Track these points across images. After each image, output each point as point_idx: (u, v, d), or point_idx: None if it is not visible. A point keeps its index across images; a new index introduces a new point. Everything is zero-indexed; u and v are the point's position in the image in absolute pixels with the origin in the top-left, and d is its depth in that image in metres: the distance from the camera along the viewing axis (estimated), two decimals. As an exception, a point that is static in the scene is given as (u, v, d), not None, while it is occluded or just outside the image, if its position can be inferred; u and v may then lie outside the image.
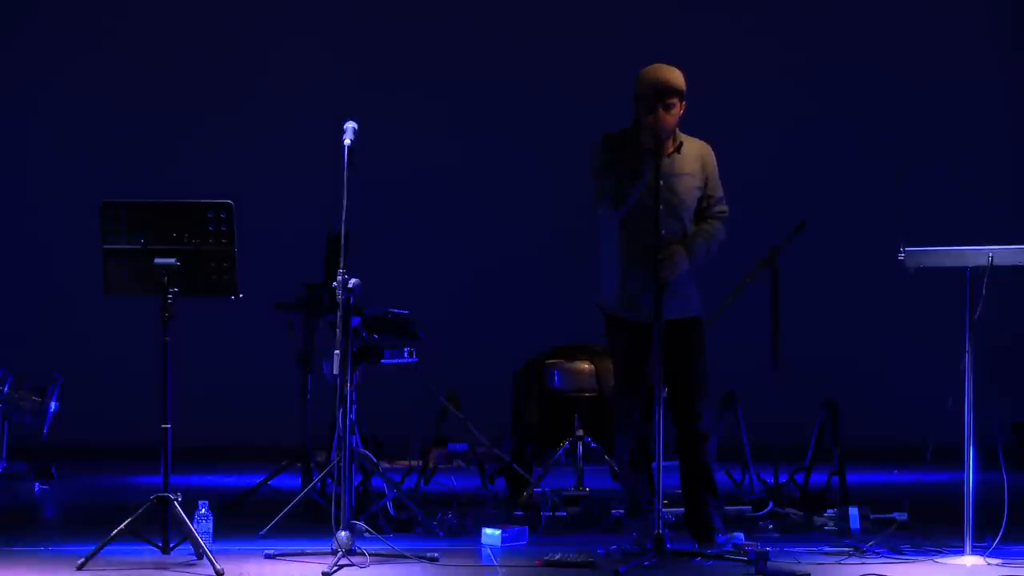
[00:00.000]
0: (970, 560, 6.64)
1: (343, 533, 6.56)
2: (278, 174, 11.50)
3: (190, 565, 6.57)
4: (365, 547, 6.62)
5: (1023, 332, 10.81)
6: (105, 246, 6.81)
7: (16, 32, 11.82)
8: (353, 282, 6.75)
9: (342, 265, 6.73)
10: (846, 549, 6.91)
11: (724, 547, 6.83)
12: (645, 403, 6.88)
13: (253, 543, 7.08)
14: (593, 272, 7.15)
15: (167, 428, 6.75)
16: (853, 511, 7.55)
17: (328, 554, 6.58)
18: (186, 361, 7.47)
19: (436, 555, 6.69)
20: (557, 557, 6.66)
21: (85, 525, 7.54)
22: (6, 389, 9.27)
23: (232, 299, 6.84)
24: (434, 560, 6.65)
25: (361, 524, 6.78)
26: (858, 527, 7.51)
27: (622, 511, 7.44)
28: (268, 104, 11.70)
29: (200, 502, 6.91)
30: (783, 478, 8.20)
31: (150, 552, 6.71)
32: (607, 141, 7.01)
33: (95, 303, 7.69)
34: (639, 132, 6.91)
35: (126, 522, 6.63)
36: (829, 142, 11.70)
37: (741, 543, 6.89)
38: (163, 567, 6.56)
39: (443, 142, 11.61)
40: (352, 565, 6.50)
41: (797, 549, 6.94)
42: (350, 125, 6.86)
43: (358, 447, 7.62)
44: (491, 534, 7.18)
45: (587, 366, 8.61)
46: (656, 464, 6.62)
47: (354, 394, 7.29)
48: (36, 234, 11.62)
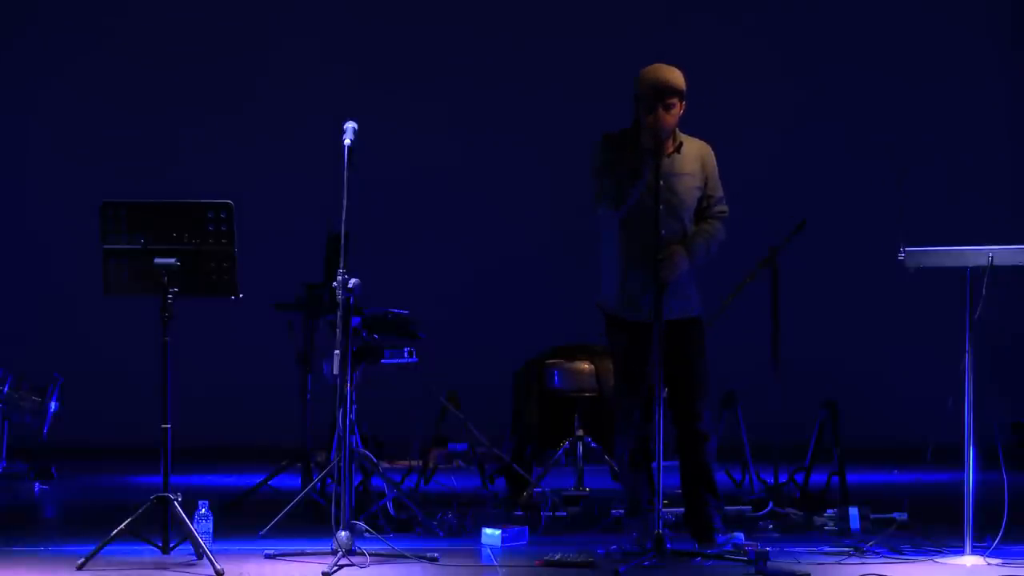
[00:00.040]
0: (970, 560, 6.64)
1: (343, 533, 6.56)
2: (278, 174, 11.50)
3: (190, 565, 6.57)
4: (365, 547, 6.62)
5: (1023, 332, 10.81)
6: (105, 246, 6.81)
7: (16, 32, 11.81)
8: (353, 282, 6.74)
9: (342, 265, 6.73)
10: (846, 549, 6.91)
11: (724, 547, 6.83)
12: (645, 403, 6.87)
13: (253, 543, 7.08)
14: (593, 272, 7.14)
15: (167, 428, 6.75)
16: (853, 511, 7.54)
17: (328, 554, 6.58)
18: (186, 361, 7.47)
19: (436, 555, 6.68)
20: (557, 557, 6.65)
21: (85, 525, 7.54)
22: (6, 389, 9.26)
23: (232, 299, 6.84)
24: (434, 560, 6.65)
25: (361, 524, 6.78)
26: (858, 527, 7.51)
27: (622, 511, 7.44)
28: (268, 104, 11.70)
29: (200, 502, 6.91)
30: (783, 478, 8.20)
31: (150, 552, 6.71)
32: (607, 141, 7.01)
33: (95, 303, 7.69)
34: (639, 132, 6.90)
35: (126, 522, 6.63)
36: (829, 142, 11.70)
37: (741, 543, 6.88)
38: (163, 567, 6.55)
39: (443, 142, 11.60)
40: (352, 565, 6.50)
41: (797, 549, 6.94)
42: (350, 125, 6.86)
43: (358, 447, 7.61)
44: (491, 534, 7.17)
45: (587, 366, 8.60)
46: (656, 464, 6.62)
47: (354, 394, 7.29)
48: (36, 234, 11.61)
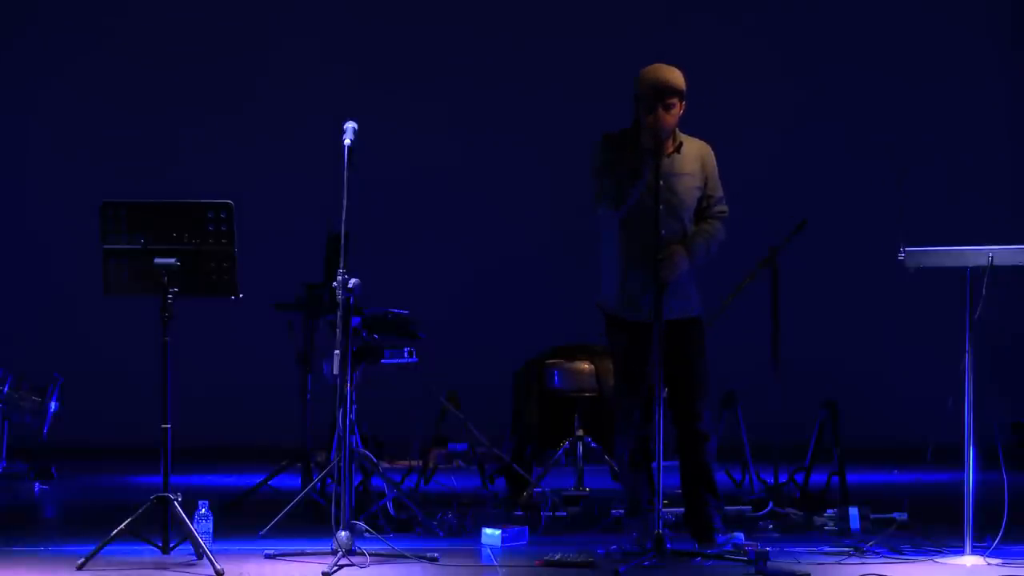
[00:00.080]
0: (970, 560, 6.63)
1: (343, 533, 6.56)
2: (278, 174, 11.50)
3: (190, 565, 6.57)
4: (365, 547, 6.62)
5: (1023, 332, 10.81)
6: (105, 246, 6.81)
7: (16, 32, 11.81)
8: (353, 282, 6.74)
9: (342, 265, 6.73)
10: (846, 549, 6.91)
11: (724, 547, 6.83)
12: (645, 403, 6.87)
13: (253, 543, 7.08)
14: (593, 272, 7.14)
15: (167, 428, 6.75)
16: (853, 511, 7.54)
17: (328, 554, 6.58)
18: (186, 361, 7.47)
19: (436, 555, 6.68)
20: (557, 557, 6.65)
21: (85, 525, 7.54)
22: (6, 389, 9.26)
23: (232, 299, 6.84)
24: (434, 560, 6.65)
25: (361, 524, 6.78)
26: (858, 527, 7.51)
27: (622, 511, 7.44)
28: (268, 104, 11.70)
29: (200, 502, 6.90)
30: (783, 478, 8.20)
31: (150, 552, 6.71)
32: (607, 141, 7.01)
33: (95, 303, 7.69)
34: (639, 132, 6.90)
35: (126, 522, 6.63)
36: (829, 142, 11.69)
37: (741, 543, 6.88)
38: (163, 567, 6.55)
39: (443, 142, 11.60)
40: (352, 565, 6.50)
41: (797, 549, 6.94)
42: (350, 125, 6.86)
43: (358, 447, 7.61)
44: (491, 534, 7.17)
45: (587, 366, 8.60)
46: (656, 464, 6.62)
47: (354, 394, 7.29)
48: (36, 234, 11.61)
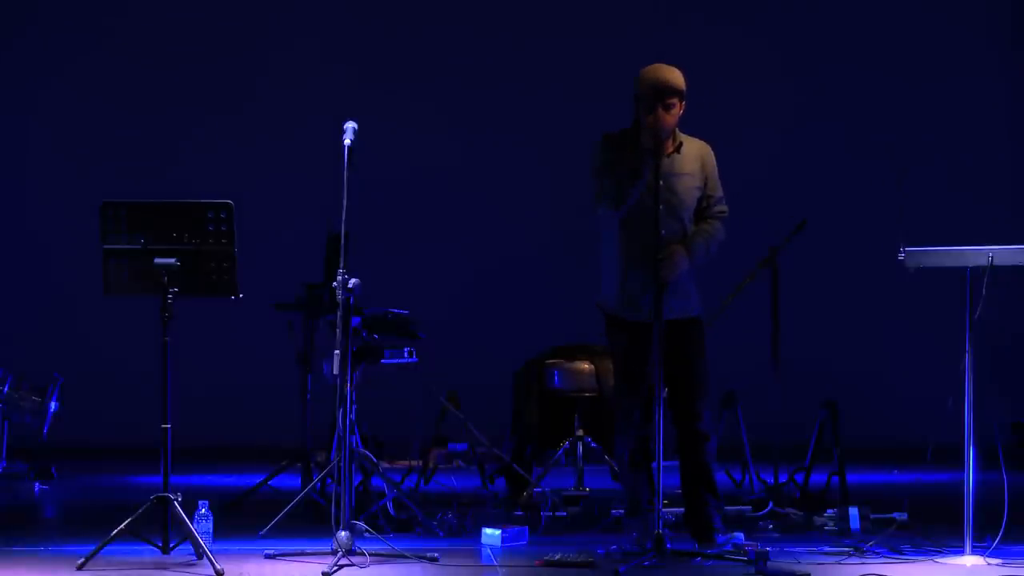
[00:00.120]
0: (970, 560, 6.63)
1: (343, 533, 6.56)
2: (278, 174, 11.50)
3: (190, 565, 6.57)
4: (365, 547, 6.62)
5: (1023, 332, 10.81)
6: (105, 246, 6.81)
7: (16, 32, 11.81)
8: (353, 282, 6.74)
9: (342, 265, 6.73)
10: (846, 549, 6.91)
11: (724, 547, 6.83)
12: (645, 403, 6.87)
13: (253, 543, 7.08)
14: (593, 272, 7.14)
15: (167, 428, 6.75)
16: (853, 511, 7.54)
17: (328, 554, 6.58)
18: (186, 361, 7.47)
19: (436, 555, 6.68)
20: (557, 557, 6.65)
21: (85, 525, 7.54)
22: (6, 389, 9.26)
23: (232, 299, 6.84)
24: (434, 560, 6.65)
25: (361, 524, 6.78)
26: (858, 527, 7.50)
27: (622, 511, 7.43)
28: (268, 104, 11.70)
29: (200, 502, 6.90)
30: (783, 478, 8.20)
31: (150, 552, 6.71)
32: (607, 141, 7.01)
33: (95, 303, 7.69)
34: (639, 132, 6.90)
35: (126, 522, 6.63)
36: (829, 142, 11.69)
37: (741, 543, 6.88)
38: (163, 567, 6.55)
39: (443, 142, 11.60)
40: (352, 565, 6.50)
41: (797, 549, 6.94)
42: (350, 125, 6.86)
43: (358, 447, 7.61)
44: (491, 534, 7.17)
45: (587, 366, 8.60)
46: (656, 464, 6.62)
47: (354, 394, 7.29)
48: (36, 234, 11.61)
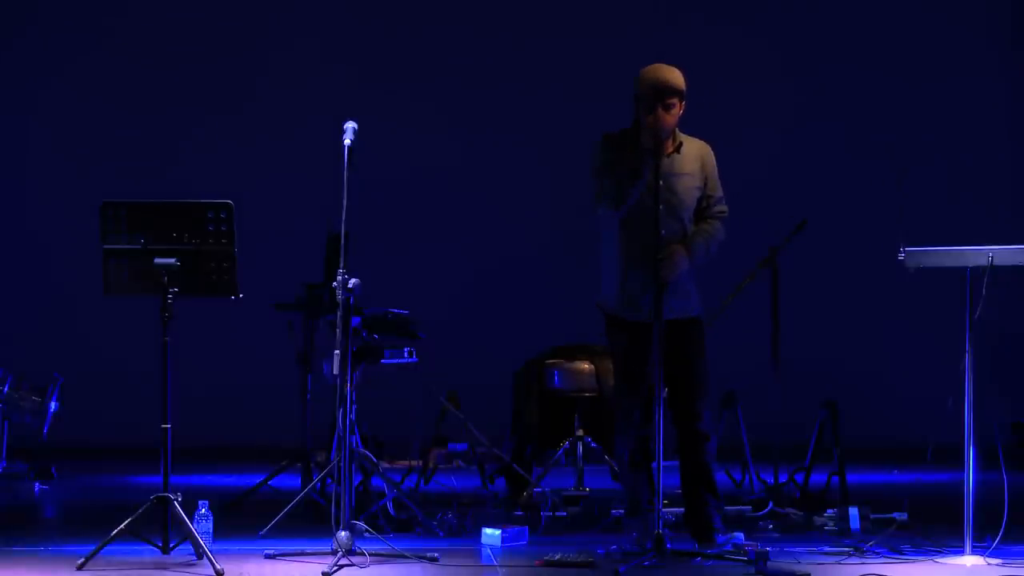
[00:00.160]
0: (970, 560, 6.63)
1: (343, 533, 6.56)
2: (278, 174, 11.49)
3: (190, 565, 6.57)
4: (365, 547, 6.62)
5: (1023, 332, 10.81)
6: (105, 246, 6.81)
7: (16, 32, 11.81)
8: (353, 282, 6.74)
9: (342, 265, 6.73)
10: (846, 549, 6.91)
11: (724, 547, 6.83)
12: (645, 403, 6.87)
13: (253, 543, 7.08)
14: (593, 272, 7.14)
15: (167, 428, 6.75)
16: (853, 511, 7.54)
17: (328, 554, 6.57)
18: (186, 361, 7.47)
19: (436, 555, 6.68)
20: (557, 557, 6.65)
21: (85, 525, 7.54)
22: (6, 389, 9.26)
23: (232, 299, 6.84)
24: (434, 560, 6.65)
25: (361, 524, 6.78)
26: (858, 527, 7.50)
27: (622, 511, 7.43)
28: (268, 104, 11.70)
29: (200, 502, 6.90)
30: (783, 478, 8.20)
31: (150, 552, 6.71)
32: (607, 141, 7.01)
33: (95, 303, 7.69)
34: (639, 132, 6.90)
35: (126, 522, 6.63)
36: (829, 142, 11.69)
37: (741, 543, 6.88)
38: (163, 567, 6.55)
39: (443, 142, 11.60)
40: (352, 565, 6.50)
41: (797, 549, 6.94)
42: (350, 125, 6.86)
43: (358, 447, 7.61)
44: (491, 534, 7.17)
45: (587, 366, 8.60)
46: (656, 464, 6.62)
47: (354, 394, 7.29)
48: (36, 234, 11.61)
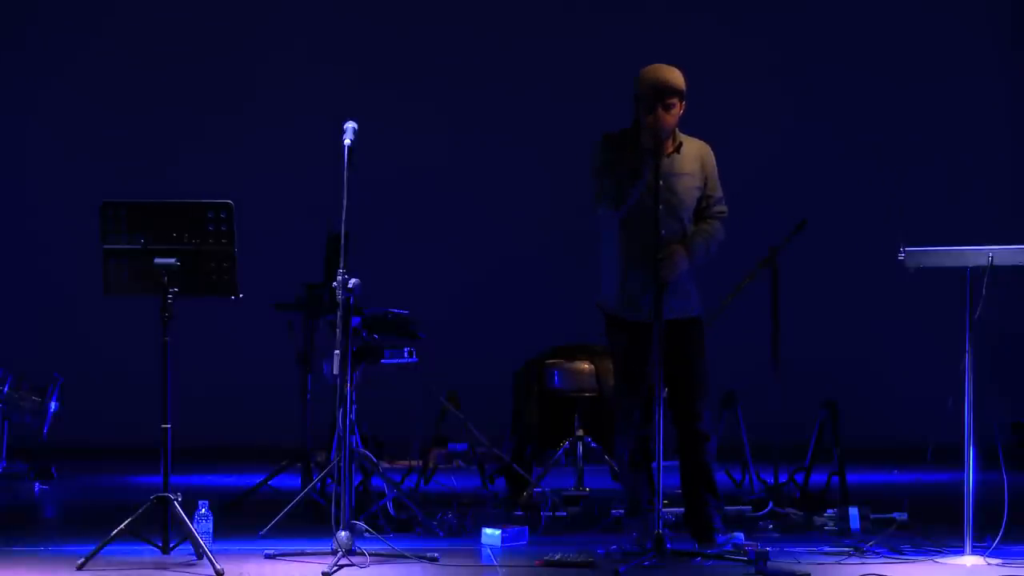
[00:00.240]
0: (970, 560, 6.63)
1: (343, 533, 6.56)
2: (278, 174, 11.49)
3: (190, 565, 6.57)
4: (365, 547, 6.62)
5: (1023, 332, 10.81)
6: (105, 246, 6.81)
7: (16, 32, 11.81)
8: (353, 282, 6.74)
9: (342, 265, 6.73)
10: (846, 549, 6.91)
11: (724, 547, 6.83)
12: (645, 403, 6.87)
13: (253, 543, 7.08)
14: (593, 272, 7.14)
15: (167, 428, 6.75)
16: (853, 511, 7.54)
17: (328, 554, 6.58)
18: (186, 361, 7.47)
19: (436, 555, 6.68)
20: (557, 557, 6.65)
21: (85, 525, 7.54)
22: (6, 389, 9.26)
23: (232, 299, 6.84)
24: (434, 560, 6.65)
25: (361, 524, 6.78)
26: (858, 527, 7.50)
27: (622, 511, 7.43)
28: (267, 104, 11.69)
29: (200, 502, 6.90)
30: (783, 478, 8.20)
31: (150, 552, 6.71)
32: (607, 141, 7.01)
33: (95, 303, 7.69)
34: (639, 132, 6.90)
35: (126, 522, 6.63)
36: (829, 142, 11.69)
37: (741, 543, 6.88)
38: (163, 567, 6.55)
39: (443, 142, 11.60)
40: (352, 565, 6.50)
41: (797, 549, 6.94)
42: (350, 125, 6.86)
43: (358, 447, 7.61)
44: (491, 534, 7.17)
45: (587, 366, 8.60)
46: (656, 464, 6.62)
47: (354, 394, 7.29)
48: (36, 234, 11.61)
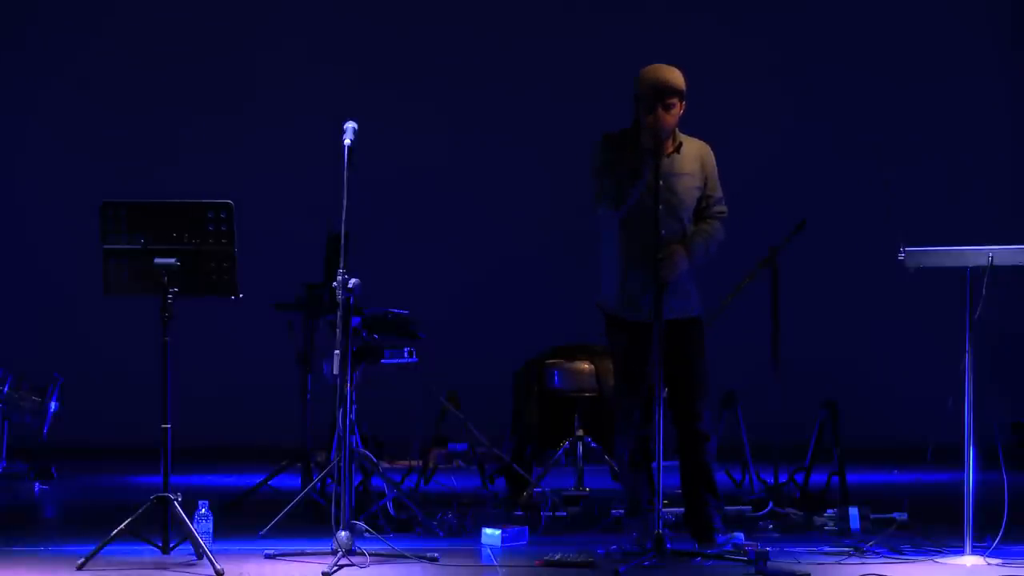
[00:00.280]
0: (970, 560, 6.63)
1: (343, 533, 6.56)
2: (278, 174, 11.49)
3: (190, 565, 6.57)
4: (365, 547, 6.62)
5: (1023, 332, 10.81)
6: (105, 246, 6.81)
7: (16, 32, 11.81)
8: (353, 282, 6.74)
9: (342, 265, 6.73)
10: (846, 549, 6.91)
11: (724, 547, 6.83)
12: (645, 403, 6.87)
13: (253, 543, 7.08)
14: (593, 272, 7.14)
15: (167, 428, 6.75)
16: (853, 511, 7.54)
17: (328, 554, 6.58)
18: (186, 361, 7.47)
19: (436, 555, 6.68)
20: (557, 557, 6.65)
21: (85, 525, 7.54)
22: (6, 389, 9.26)
23: (232, 299, 6.84)
24: (434, 560, 6.65)
25: (361, 524, 6.78)
26: (858, 527, 7.50)
27: (622, 511, 7.43)
28: (267, 104, 11.69)
29: (200, 502, 6.90)
30: (783, 478, 8.20)
31: (150, 552, 6.71)
32: (607, 141, 7.01)
33: (95, 303, 7.69)
34: (639, 132, 6.90)
35: (126, 522, 6.63)
36: (829, 142, 11.69)
37: (741, 543, 6.88)
38: (163, 567, 6.55)
39: (443, 142, 11.60)
40: (352, 565, 6.50)
41: (797, 549, 6.94)
42: (350, 125, 6.86)
43: (358, 447, 7.61)
44: (491, 534, 7.17)
45: (587, 366, 8.60)
46: (656, 464, 6.62)
47: (354, 394, 7.29)
48: (36, 234, 11.61)
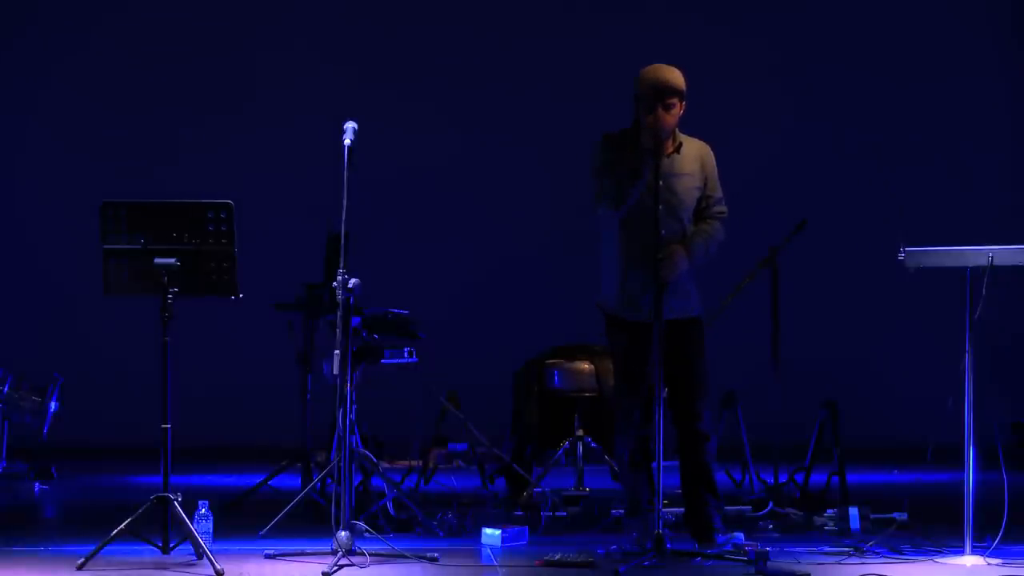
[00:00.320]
0: (970, 560, 6.63)
1: (343, 533, 6.56)
2: (278, 174, 11.49)
3: (190, 565, 6.57)
4: (365, 547, 6.62)
5: (1023, 332, 10.81)
6: (105, 246, 6.81)
7: (16, 32, 11.81)
8: (353, 282, 6.74)
9: (342, 265, 6.73)
10: (846, 549, 6.91)
11: (724, 547, 6.83)
12: (645, 403, 6.87)
13: (253, 543, 7.08)
14: (593, 272, 7.14)
15: (167, 428, 6.75)
16: (853, 511, 7.54)
17: (328, 554, 6.58)
18: (186, 361, 7.47)
19: (436, 555, 6.68)
20: (557, 557, 6.65)
21: (85, 525, 7.54)
22: (6, 389, 9.26)
23: (232, 299, 6.84)
24: (434, 560, 6.65)
25: (361, 524, 6.78)
26: (858, 527, 7.51)
27: (622, 511, 7.44)
28: (267, 104, 11.69)
29: (200, 502, 6.90)
30: (783, 478, 8.20)
31: (150, 552, 6.71)
32: (607, 141, 7.01)
33: (95, 303, 7.69)
34: (639, 132, 6.90)
35: (126, 522, 6.63)
36: (829, 142, 11.69)
37: (741, 543, 6.88)
38: (163, 567, 6.55)
39: (443, 142, 11.59)
40: (352, 565, 6.50)
41: (797, 549, 6.94)
42: (350, 125, 6.86)
43: (358, 447, 7.61)
44: (491, 534, 7.17)
45: (587, 366, 8.60)
46: (656, 464, 6.63)
47: (354, 394, 7.29)
48: (36, 234, 11.61)
